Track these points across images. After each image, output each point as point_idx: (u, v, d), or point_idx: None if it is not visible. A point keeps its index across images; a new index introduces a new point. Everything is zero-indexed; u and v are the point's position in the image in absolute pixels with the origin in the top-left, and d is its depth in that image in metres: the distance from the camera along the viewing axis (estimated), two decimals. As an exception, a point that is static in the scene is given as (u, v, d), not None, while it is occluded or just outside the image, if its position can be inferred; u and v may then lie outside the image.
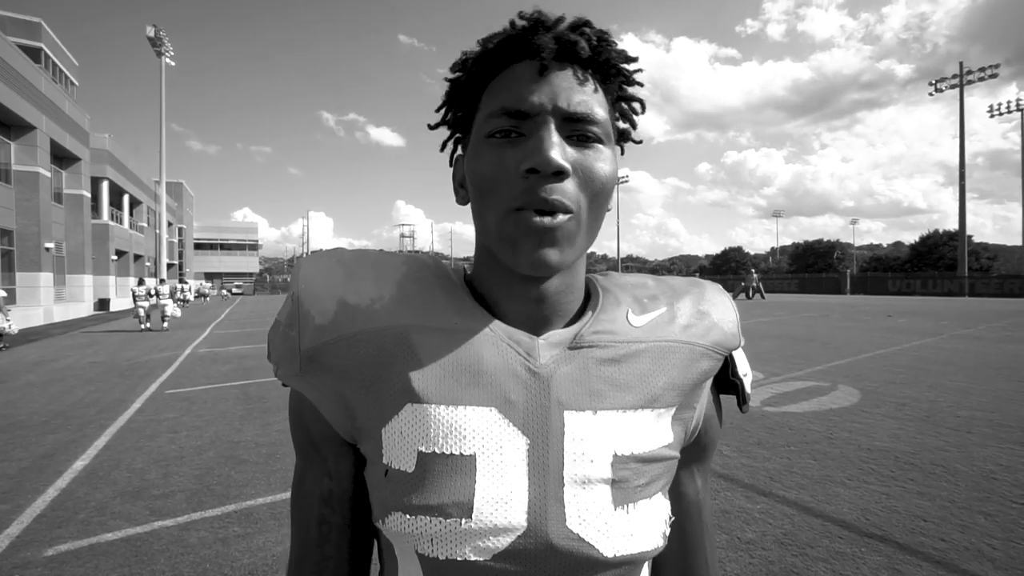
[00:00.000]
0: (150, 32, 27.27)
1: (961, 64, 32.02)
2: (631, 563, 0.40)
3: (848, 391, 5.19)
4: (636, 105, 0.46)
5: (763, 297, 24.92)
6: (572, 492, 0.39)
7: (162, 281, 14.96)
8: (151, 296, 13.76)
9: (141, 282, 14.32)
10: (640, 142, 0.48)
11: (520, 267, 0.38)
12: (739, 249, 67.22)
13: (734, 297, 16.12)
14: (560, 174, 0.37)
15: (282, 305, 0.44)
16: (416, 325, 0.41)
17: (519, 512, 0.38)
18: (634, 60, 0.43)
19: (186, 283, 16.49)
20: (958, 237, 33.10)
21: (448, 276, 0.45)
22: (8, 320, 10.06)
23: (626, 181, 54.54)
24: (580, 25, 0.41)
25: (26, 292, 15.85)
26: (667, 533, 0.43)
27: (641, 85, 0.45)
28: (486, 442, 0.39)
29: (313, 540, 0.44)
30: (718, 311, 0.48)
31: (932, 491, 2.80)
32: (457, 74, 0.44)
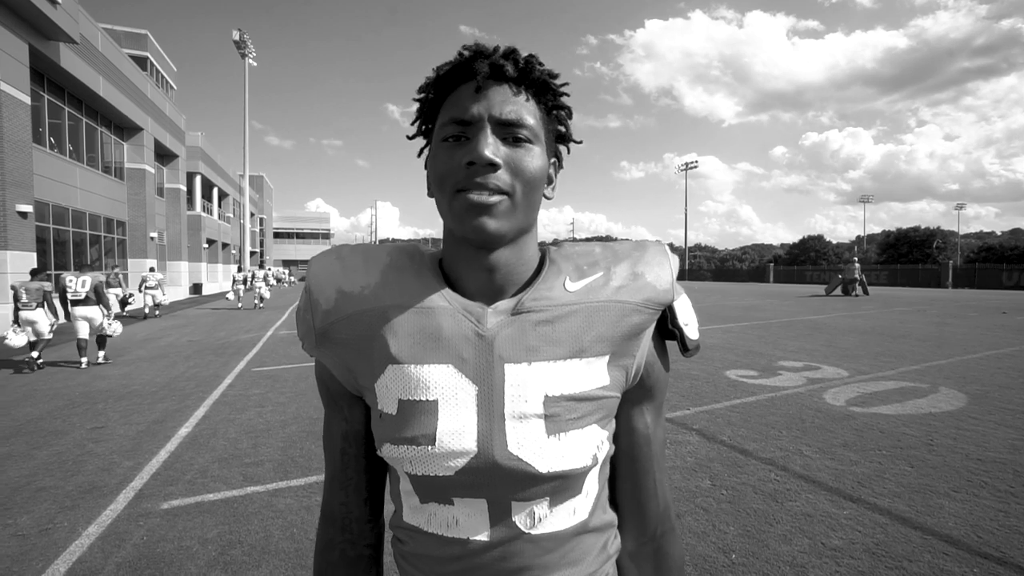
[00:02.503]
0: (236, 36, 29.40)
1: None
2: (564, 477, 0.51)
3: (951, 394, 4.66)
4: (564, 113, 0.56)
5: (866, 293, 19.98)
6: (512, 425, 0.51)
7: (261, 265, 17.08)
8: (247, 281, 16.56)
9: (240, 269, 16.37)
10: (580, 142, 0.60)
11: (467, 234, 0.49)
12: (820, 238, 61.90)
13: (829, 292, 14.62)
14: (492, 166, 0.48)
15: (300, 295, 0.58)
16: (393, 304, 0.53)
17: (470, 440, 0.50)
18: (557, 76, 0.55)
19: (267, 269, 18.09)
20: (1093, 222, 28.41)
21: (423, 261, 0.57)
22: (164, 295, 13.71)
23: (695, 166, 51.85)
24: (510, 53, 0.52)
25: (135, 277, 17.88)
26: (598, 456, 0.53)
27: (567, 95, 0.56)
28: (445, 390, 0.51)
29: (338, 465, 0.60)
30: (652, 271, 0.56)
31: (1062, 511, 2.45)
32: (422, 95, 0.55)
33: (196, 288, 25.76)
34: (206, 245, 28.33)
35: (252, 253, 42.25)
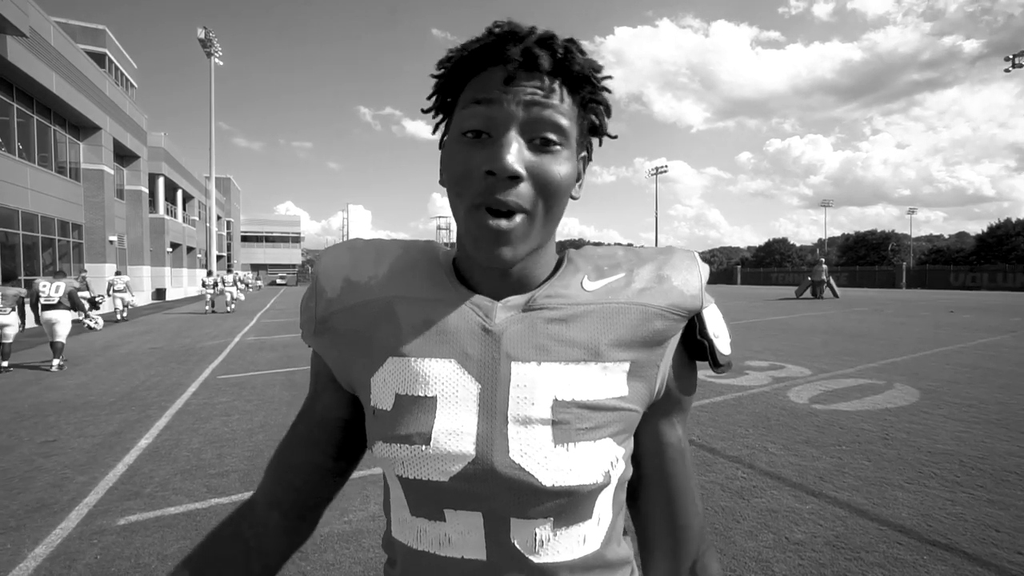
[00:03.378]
0: (200, 34, 28.52)
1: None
2: (570, 494, 0.45)
3: (905, 390, 4.89)
4: (602, 109, 0.50)
5: (835, 295, 19.47)
6: (515, 429, 0.46)
7: (229, 270, 17.45)
8: (216, 285, 16.44)
9: (210, 273, 16.54)
10: (615, 136, 0.54)
11: (480, 260, 0.46)
12: (784, 241, 64.34)
13: (799, 294, 14.88)
14: (515, 178, 0.43)
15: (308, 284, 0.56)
16: (399, 296, 0.50)
17: (468, 443, 0.46)
18: (600, 69, 0.49)
19: (236, 273, 17.91)
20: (1032, 226, 30.44)
21: (436, 257, 0.54)
22: (133, 296, 13.25)
23: (665, 171, 53.06)
24: (547, 38, 0.46)
25: (93, 282, 17.05)
26: (611, 474, 0.48)
27: (609, 91, 0.50)
28: (445, 387, 0.47)
29: (288, 442, 0.57)
30: (680, 276, 0.52)
31: (1005, 499, 2.61)
32: (442, 69, 0.49)
33: (160, 293, 24.78)
34: (170, 249, 27.30)
35: (219, 257, 40.90)
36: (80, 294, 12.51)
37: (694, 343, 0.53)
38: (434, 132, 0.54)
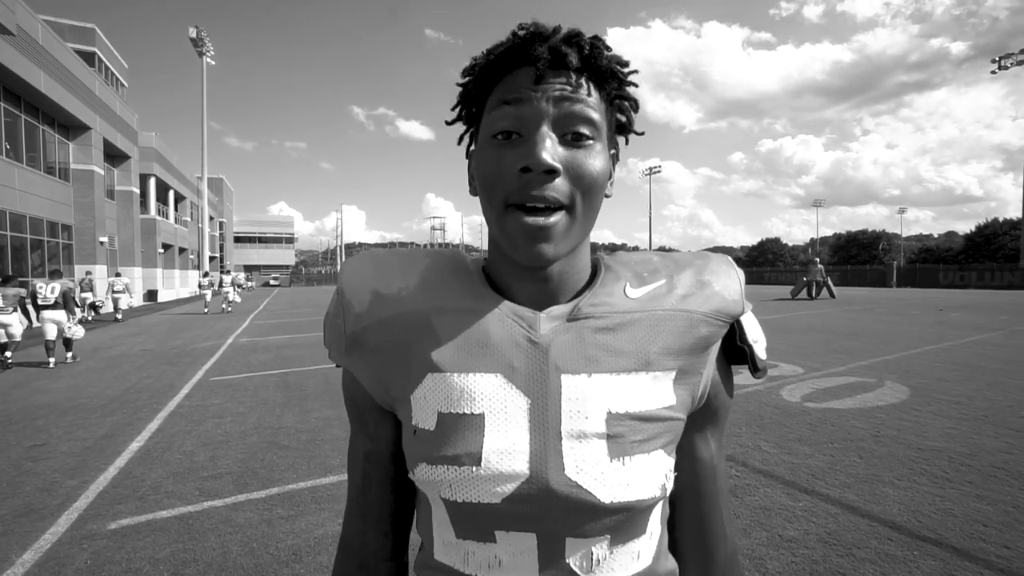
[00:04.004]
0: (192, 33, 28.29)
1: (1028, 38, 29.69)
2: (628, 510, 0.44)
3: (896, 388, 4.95)
4: (629, 104, 0.50)
5: (832, 295, 18.45)
6: (569, 445, 0.44)
7: (228, 271, 18.05)
8: (212, 286, 16.89)
9: (205, 274, 17.01)
10: (642, 133, 0.53)
11: (520, 260, 0.45)
12: (777, 240, 64.81)
13: (795, 295, 14.78)
14: (551, 172, 0.42)
15: (331, 298, 0.53)
16: (435, 308, 0.48)
17: (521, 462, 0.44)
18: (626, 64, 0.48)
19: (230, 273, 18.17)
20: (1021, 225, 30.87)
21: (465, 265, 0.52)
22: (131, 297, 13.62)
23: (659, 171, 53.27)
24: (573, 36, 0.46)
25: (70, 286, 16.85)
26: (667, 487, 0.47)
27: (636, 86, 0.50)
28: (492, 403, 0.45)
29: (358, 488, 0.54)
30: (720, 281, 0.51)
31: (992, 495, 2.64)
32: (468, 78, 0.49)
33: (151, 295, 24.52)
34: (161, 250, 27.05)
35: (212, 258, 40.57)
36: (83, 295, 12.96)
37: (733, 348, 0.53)
38: (459, 142, 0.53)
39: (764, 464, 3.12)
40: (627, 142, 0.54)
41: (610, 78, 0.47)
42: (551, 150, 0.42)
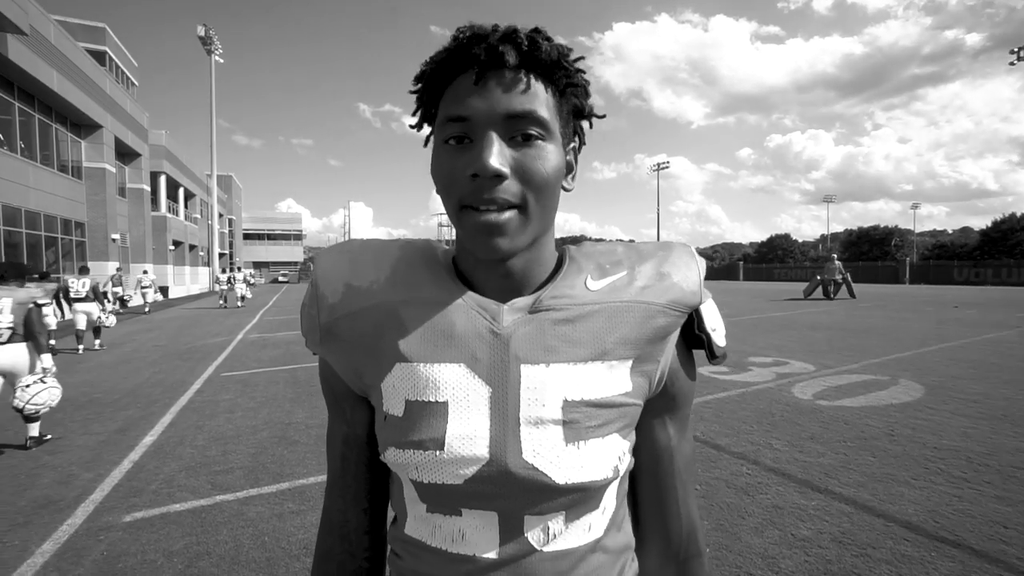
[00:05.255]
0: (200, 32, 28.45)
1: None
2: (583, 490, 0.47)
3: (910, 386, 4.87)
4: (580, 90, 0.50)
5: (852, 295, 16.50)
6: (527, 431, 0.47)
7: (239, 269, 19.08)
8: (230, 282, 18.22)
9: (224, 271, 18.34)
10: (603, 116, 0.53)
11: (479, 255, 0.47)
12: (786, 236, 64.00)
13: (807, 295, 14.39)
14: (498, 177, 0.44)
15: (306, 289, 0.55)
16: (404, 300, 0.50)
17: (482, 446, 0.47)
18: (568, 52, 0.48)
19: (241, 270, 18.91)
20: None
21: (435, 257, 0.54)
22: (156, 292, 14.79)
23: (667, 167, 52.89)
24: (510, 33, 0.46)
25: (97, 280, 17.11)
26: (620, 468, 0.50)
27: (582, 71, 0.50)
28: (456, 391, 0.48)
29: (338, 470, 0.58)
30: (680, 272, 0.53)
31: (1013, 496, 2.59)
32: (419, 85, 0.50)
33: (162, 291, 24.80)
34: (172, 247, 27.33)
35: (221, 255, 40.95)
36: (114, 290, 13.86)
37: (693, 335, 0.55)
38: (425, 144, 0.54)
39: (776, 462, 3.09)
40: (591, 125, 0.54)
41: (555, 69, 0.47)
42: (498, 155, 0.43)
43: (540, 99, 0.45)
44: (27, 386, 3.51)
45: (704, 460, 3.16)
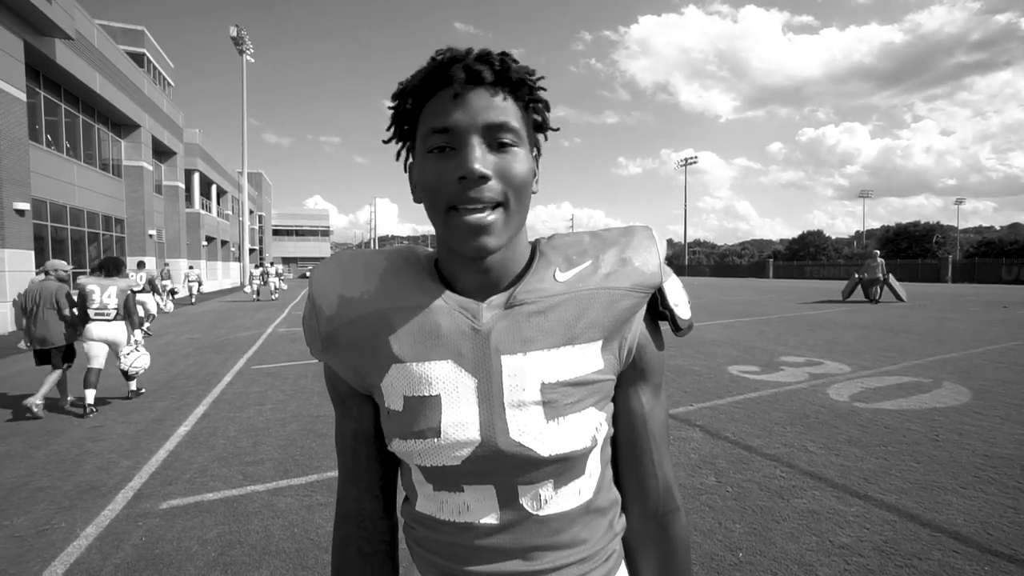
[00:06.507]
0: (233, 32, 29.21)
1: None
2: (566, 459, 0.54)
3: (955, 389, 4.63)
4: (542, 105, 0.57)
5: (900, 298, 14.30)
6: (512, 413, 0.53)
7: (272, 263, 19.90)
8: (263, 276, 19.63)
9: (258, 266, 19.71)
10: (557, 129, 0.60)
11: (466, 253, 0.51)
12: (819, 233, 61.77)
13: (846, 297, 13.67)
14: (483, 178, 0.49)
15: (305, 303, 0.61)
16: (393, 307, 0.56)
17: (474, 431, 0.53)
18: (533, 72, 0.55)
19: (273, 265, 20.01)
20: (1094, 216, 28.31)
21: (417, 261, 0.59)
22: (202, 284, 16.96)
23: (695, 162, 51.76)
24: (484, 55, 0.52)
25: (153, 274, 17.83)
26: (597, 437, 0.56)
27: (544, 90, 0.56)
28: (446, 385, 0.54)
29: (350, 464, 0.63)
30: (640, 256, 0.59)
31: (1072, 507, 2.42)
32: (397, 101, 0.55)
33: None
34: (205, 243, 28.25)
35: (251, 250, 42.15)
36: (163, 283, 14.89)
37: (658, 312, 0.61)
38: (397, 159, 0.60)
39: (811, 465, 2.97)
40: (546, 138, 0.61)
41: (521, 86, 0.53)
42: (481, 159, 0.49)
43: (511, 112, 0.52)
44: (127, 354, 4.56)
45: (736, 461, 3.06)
